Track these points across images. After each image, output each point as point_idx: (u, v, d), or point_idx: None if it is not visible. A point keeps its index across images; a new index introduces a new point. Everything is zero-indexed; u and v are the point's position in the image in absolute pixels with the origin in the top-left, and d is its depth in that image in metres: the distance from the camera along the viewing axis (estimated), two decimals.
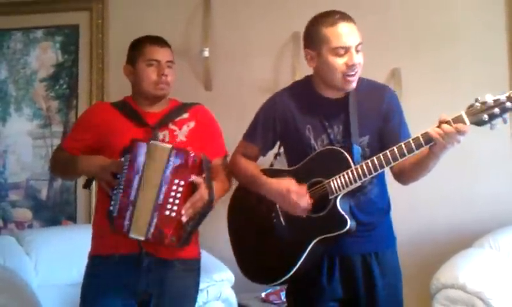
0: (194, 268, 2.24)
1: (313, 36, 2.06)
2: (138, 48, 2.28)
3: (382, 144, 2.05)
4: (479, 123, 1.80)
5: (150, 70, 2.23)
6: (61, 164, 2.28)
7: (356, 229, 2.03)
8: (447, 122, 1.82)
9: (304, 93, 2.17)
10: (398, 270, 2.19)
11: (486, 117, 1.78)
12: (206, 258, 2.38)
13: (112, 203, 2.05)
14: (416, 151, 1.89)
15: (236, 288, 3.06)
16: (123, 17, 3.81)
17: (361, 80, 2.12)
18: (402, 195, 2.31)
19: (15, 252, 3.08)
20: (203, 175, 2.07)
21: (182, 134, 2.23)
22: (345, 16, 2.04)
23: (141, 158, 2.03)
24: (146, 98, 2.27)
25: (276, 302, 3.13)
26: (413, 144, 1.89)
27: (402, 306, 2.20)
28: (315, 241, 2.02)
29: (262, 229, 2.17)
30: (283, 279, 2.08)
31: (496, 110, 1.76)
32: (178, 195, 2.00)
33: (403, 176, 2.12)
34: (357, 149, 2.04)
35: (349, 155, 2.01)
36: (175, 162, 2.01)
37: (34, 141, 3.85)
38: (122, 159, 2.05)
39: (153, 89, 2.24)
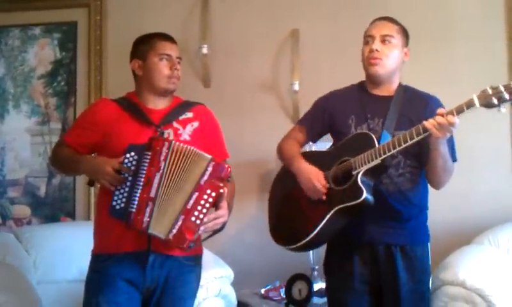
0: (197, 264, 2.25)
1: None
2: (148, 42, 2.28)
3: (418, 146, 2.12)
4: (489, 105, 1.93)
5: (163, 64, 2.24)
6: (64, 160, 2.25)
7: (381, 215, 2.17)
8: (441, 114, 1.99)
9: (355, 91, 2.39)
10: (427, 267, 2.27)
11: (495, 100, 1.92)
12: (206, 254, 2.38)
13: (115, 198, 2.04)
14: (416, 138, 2.04)
15: (235, 284, 3.05)
16: (122, 14, 3.81)
17: (411, 88, 2.35)
18: None
19: (14, 249, 3.08)
20: (226, 189, 2.06)
21: (186, 133, 2.23)
22: (382, 17, 2.36)
23: (163, 157, 2.03)
24: (155, 93, 2.26)
25: (275, 298, 3.13)
26: (414, 132, 2.04)
27: (428, 304, 2.30)
28: (334, 210, 2.17)
29: (294, 200, 2.36)
30: (304, 241, 2.23)
31: (506, 94, 1.91)
32: (207, 205, 2.01)
33: (428, 180, 2.27)
34: (386, 135, 2.16)
35: (377, 139, 2.16)
36: (211, 173, 2.01)
37: (32, 138, 3.84)
38: (128, 155, 2.04)
39: (165, 83, 2.24)
